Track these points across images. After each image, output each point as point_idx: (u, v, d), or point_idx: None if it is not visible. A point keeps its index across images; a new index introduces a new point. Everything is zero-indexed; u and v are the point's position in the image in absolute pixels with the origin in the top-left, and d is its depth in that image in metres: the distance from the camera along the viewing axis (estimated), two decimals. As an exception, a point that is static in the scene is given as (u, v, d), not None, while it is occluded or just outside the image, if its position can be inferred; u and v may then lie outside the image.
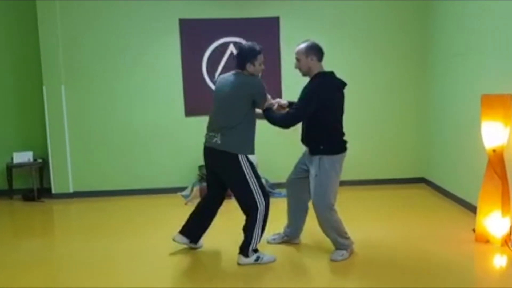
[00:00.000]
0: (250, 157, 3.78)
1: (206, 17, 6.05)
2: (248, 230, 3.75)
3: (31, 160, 6.13)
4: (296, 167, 4.08)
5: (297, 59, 3.80)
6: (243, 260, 3.77)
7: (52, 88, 6.02)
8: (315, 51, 3.77)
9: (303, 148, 4.05)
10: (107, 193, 6.21)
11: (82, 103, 6.13)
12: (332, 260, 3.80)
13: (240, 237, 3.82)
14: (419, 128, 6.30)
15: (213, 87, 6.08)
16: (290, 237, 4.19)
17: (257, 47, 3.72)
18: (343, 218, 4.68)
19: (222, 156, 3.70)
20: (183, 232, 4.04)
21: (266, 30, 6.08)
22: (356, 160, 6.31)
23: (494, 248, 3.99)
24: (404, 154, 6.35)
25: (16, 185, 6.22)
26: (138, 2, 6.03)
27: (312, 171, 3.77)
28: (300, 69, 3.83)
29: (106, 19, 6.04)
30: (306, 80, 3.87)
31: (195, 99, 6.12)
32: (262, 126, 3.94)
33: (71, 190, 6.18)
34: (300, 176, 4.00)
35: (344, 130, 6.45)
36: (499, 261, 3.83)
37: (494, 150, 4.04)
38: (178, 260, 3.93)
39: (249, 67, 3.71)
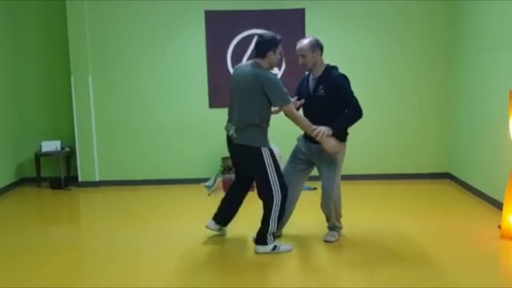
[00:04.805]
0: (275, 149, 3.82)
1: (232, 8, 6.06)
2: (265, 219, 3.81)
3: (59, 149, 6.26)
4: (293, 159, 4.08)
5: (303, 56, 3.86)
6: (260, 248, 3.83)
7: (79, 79, 6.13)
8: (319, 46, 3.88)
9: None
10: (132, 182, 6.31)
11: (109, 93, 6.23)
12: (326, 241, 4.05)
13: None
14: (445, 123, 6.20)
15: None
16: (277, 230, 4.10)
17: (278, 36, 3.79)
18: (366, 211, 4.71)
19: (244, 149, 3.76)
20: (215, 218, 4.14)
21: (291, 22, 6.06)
22: (381, 154, 6.30)
23: (520, 245, 3.93)
24: (429, 149, 6.27)
25: (44, 173, 6.38)
26: (164, -6, 6.08)
27: (326, 158, 3.87)
28: (306, 65, 3.90)
29: (132, 11, 6.10)
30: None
31: (220, 91, 6.14)
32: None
33: (97, 179, 6.30)
34: (298, 168, 4.03)
35: (368, 123, 6.44)
36: (525, 258, 3.77)
37: (522, 146, 3.96)
38: (200, 249, 3.98)
39: (270, 55, 3.74)
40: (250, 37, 6.05)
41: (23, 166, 6.50)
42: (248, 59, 6.02)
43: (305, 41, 3.85)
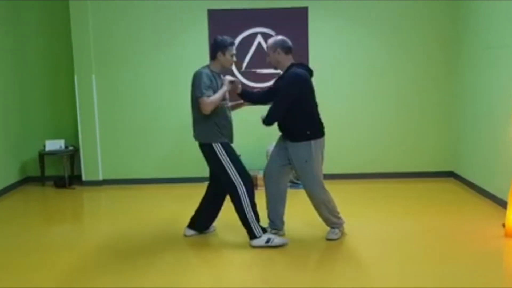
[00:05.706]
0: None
1: (235, 7, 6.07)
2: (240, 215, 3.89)
3: (63, 148, 6.28)
4: (272, 156, 4.15)
5: (268, 55, 3.99)
6: (254, 242, 3.89)
7: (83, 78, 6.14)
8: (280, 45, 3.93)
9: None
10: (135, 181, 6.32)
11: (112, 92, 6.24)
12: (328, 239, 4.02)
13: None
14: (448, 121, 6.18)
15: (240, 77, 6.11)
16: (277, 229, 4.15)
17: (230, 39, 3.92)
18: (369, 210, 4.66)
19: (201, 146, 3.96)
20: (190, 226, 4.25)
21: (294, 20, 6.05)
22: (384, 152, 6.29)
23: (524, 244, 3.91)
24: (433, 147, 6.25)
25: (48, 172, 6.39)
26: (167, -7, 6.08)
27: (300, 157, 3.90)
28: (271, 64, 4.03)
29: (135, 10, 6.11)
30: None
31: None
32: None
33: (100, 178, 6.31)
34: (279, 164, 4.06)
35: (371, 122, 6.43)
36: (529, 257, 3.76)
37: (526, 144, 3.95)
38: (202, 248, 4.00)
39: (220, 56, 3.88)
40: (253, 36, 6.06)
41: (27, 165, 6.52)
42: (251, 57, 6.06)
43: (270, 40, 3.98)
